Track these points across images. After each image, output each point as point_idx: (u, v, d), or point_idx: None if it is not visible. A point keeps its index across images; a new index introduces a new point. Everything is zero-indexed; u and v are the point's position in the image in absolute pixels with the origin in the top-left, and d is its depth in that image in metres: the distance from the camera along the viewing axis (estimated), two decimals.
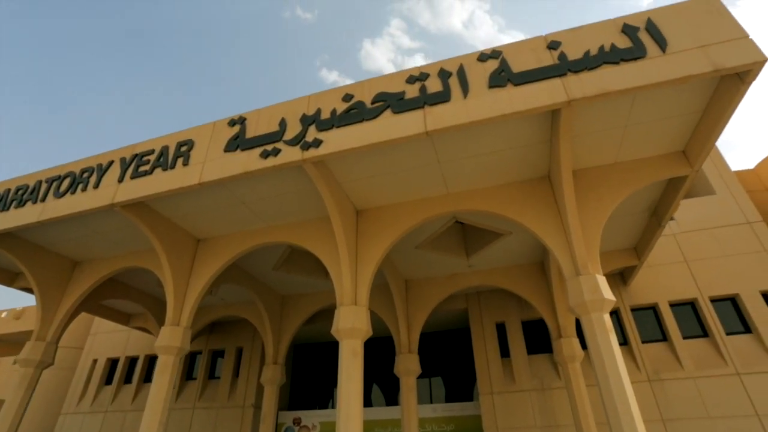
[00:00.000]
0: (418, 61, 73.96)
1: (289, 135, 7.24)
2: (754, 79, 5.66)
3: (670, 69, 5.67)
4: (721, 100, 6.18)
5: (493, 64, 6.61)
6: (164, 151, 8.39)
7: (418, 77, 6.93)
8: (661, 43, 5.92)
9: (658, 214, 9.31)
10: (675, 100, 6.38)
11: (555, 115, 6.34)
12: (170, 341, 8.65)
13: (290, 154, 7.00)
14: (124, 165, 8.65)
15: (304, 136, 7.08)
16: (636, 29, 6.17)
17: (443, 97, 6.52)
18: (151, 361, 16.76)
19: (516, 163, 7.65)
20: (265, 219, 9.18)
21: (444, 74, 6.78)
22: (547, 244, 7.52)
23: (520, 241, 10.40)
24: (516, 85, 6.24)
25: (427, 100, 6.58)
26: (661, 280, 12.31)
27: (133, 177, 8.35)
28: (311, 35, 73.47)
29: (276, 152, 7.11)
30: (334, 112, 7.12)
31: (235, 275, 11.49)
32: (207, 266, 9.59)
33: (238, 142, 7.61)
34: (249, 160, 7.27)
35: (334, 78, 73.85)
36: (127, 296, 12.96)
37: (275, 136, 7.32)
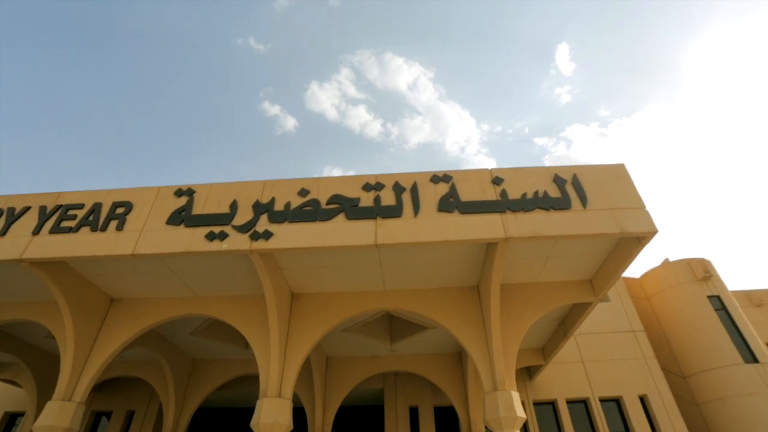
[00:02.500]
0: (362, 114, 76.67)
1: (239, 220, 7.21)
2: (648, 242, 6.86)
3: (588, 224, 6.70)
4: (623, 251, 7.34)
5: (443, 188, 7.29)
6: (96, 208, 7.85)
7: (373, 186, 7.39)
8: (583, 199, 7.00)
9: (565, 325, 10.42)
10: (588, 243, 7.45)
11: (492, 244, 7.06)
12: (57, 420, 7.60)
13: (238, 241, 6.95)
14: (44, 215, 7.91)
15: (254, 225, 7.09)
16: (564, 181, 7.23)
17: (395, 212, 7.00)
18: (12, 420, 14.39)
19: (451, 272, 8.25)
20: (194, 289, 8.78)
21: (398, 188, 7.32)
22: (471, 354, 8.04)
23: (441, 334, 10.92)
24: (462, 213, 6.92)
25: (380, 212, 7.01)
26: (561, 378, 13.47)
27: (52, 231, 7.64)
28: (260, 66, 73.45)
29: (223, 236, 7.01)
30: (288, 205, 7.27)
31: (142, 334, 10.58)
32: (119, 331, 8.80)
33: (183, 217, 7.39)
34: (192, 240, 7.07)
35: (276, 112, 73.63)
36: (3, 347, 11.29)
37: (224, 219, 7.25)
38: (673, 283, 16.59)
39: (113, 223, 7.57)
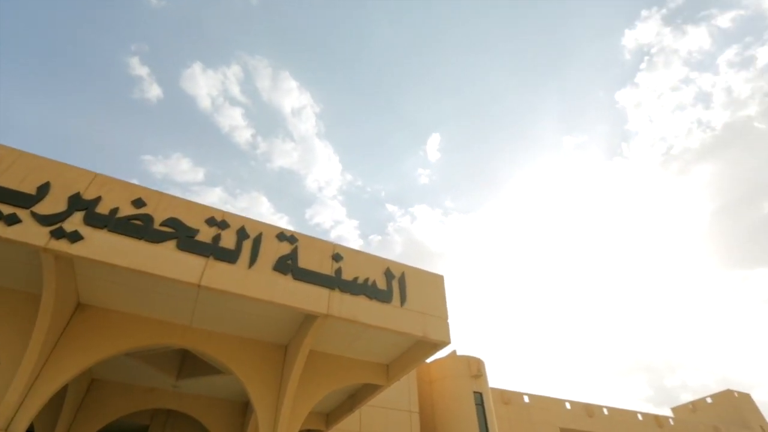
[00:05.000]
0: (236, 116, 72.83)
1: (45, 208, 6.07)
2: (441, 349, 7.96)
3: (400, 322, 7.49)
4: (419, 350, 8.33)
5: (286, 248, 7.39)
6: None
7: (218, 223, 7.09)
8: (403, 297, 7.84)
9: (354, 398, 11.01)
10: (395, 336, 8.17)
11: (312, 315, 7.29)
12: None
13: (33, 233, 5.81)
14: None
15: (63, 220, 6.06)
16: (393, 277, 8.03)
17: (231, 257, 6.79)
18: None
19: (265, 327, 8.17)
20: None
21: (242, 234, 7.16)
22: (257, 412, 7.88)
23: (234, 381, 10.42)
24: (295, 278, 7.07)
25: (215, 252, 6.71)
26: None
27: None
28: (145, 19, 64.88)
29: (12, 221, 5.78)
30: (115, 211, 6.45)
31: None
32: None
33: None
34: None
35: (142, 74, 64.90)
36: None
37: (24, 200, 6.02)
38: (453, 374, 19.04)
39: None
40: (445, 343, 7.72)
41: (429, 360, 20.60)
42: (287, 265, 7.15)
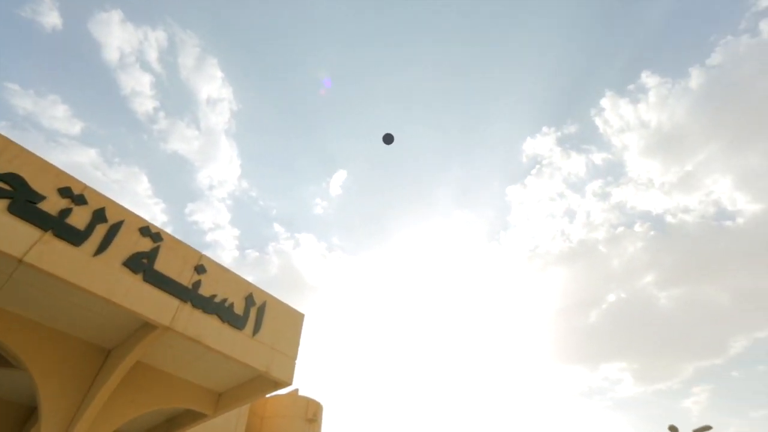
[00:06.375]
0: (144, 82, 65.19)
1: None
2: (281, 388, 7.70)
3: (246, 353, 7.13)
4: (258, 385, 7.97)
5: (146, 244, 6.69)
6: None
7: (73, 196, 6.18)
8: (258, 326, 7.52)
9: (171, 423, 9.93)
10: (237, 365, 7.75)
11: (151, 324, 6.59)
12: None
13: None
14: None
15: None
16: (253, 303, 7.70)
17: (76, 238, 5.91)
18: None
19: (90, 323, 7.11)
20: None
21: (99, 216, 6.32)
22: (43, 419, 6.65)
23: (24, 378, 8.77)
24: (145, 280, 6.38)
25: (58, 227, 5.79)
26: None
27: None
28: None
29: None
30: None
31: None
32: None
33: None
34: None
35: (51, 23, 54.65)
36: None
37: None
38: (287, 413, 18.30)
39: None
40: (287, 383, 7.50)
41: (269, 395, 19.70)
42: (141, 264, 6.43)
